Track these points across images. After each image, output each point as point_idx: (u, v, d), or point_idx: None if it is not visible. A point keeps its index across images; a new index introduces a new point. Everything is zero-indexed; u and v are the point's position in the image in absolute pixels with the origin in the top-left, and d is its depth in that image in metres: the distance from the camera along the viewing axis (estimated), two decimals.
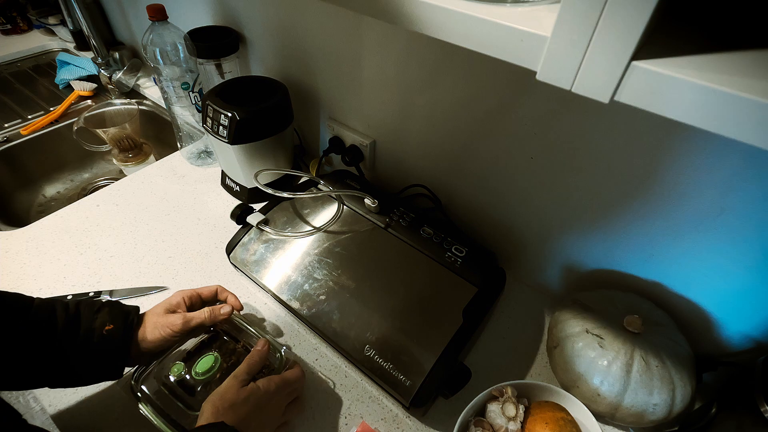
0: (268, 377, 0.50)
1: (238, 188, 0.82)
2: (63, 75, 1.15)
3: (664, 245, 0.53)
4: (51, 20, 1.28)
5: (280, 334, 0.64)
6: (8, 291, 0.48)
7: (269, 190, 0.64)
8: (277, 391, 0.49)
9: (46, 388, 0.53)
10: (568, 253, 0.64)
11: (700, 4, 0.27)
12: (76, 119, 0.96)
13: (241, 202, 0.80)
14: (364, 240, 0.67)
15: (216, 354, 0.54)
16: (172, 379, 0.52)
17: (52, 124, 1.05)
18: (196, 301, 0.57)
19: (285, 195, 0.65)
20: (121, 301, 0.66)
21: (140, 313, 0.53)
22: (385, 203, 0.69)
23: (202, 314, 0.54)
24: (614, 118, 0.48)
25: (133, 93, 1.14)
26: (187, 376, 0.52)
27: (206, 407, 0.45)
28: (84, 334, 0.47)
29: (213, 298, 0.59)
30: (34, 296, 0.49)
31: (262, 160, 0.77)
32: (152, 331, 0.51)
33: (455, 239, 0.65)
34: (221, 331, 0.57)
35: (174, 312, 0.53)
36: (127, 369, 0.52)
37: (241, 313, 0.60)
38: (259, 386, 0.48)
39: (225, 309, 0.56)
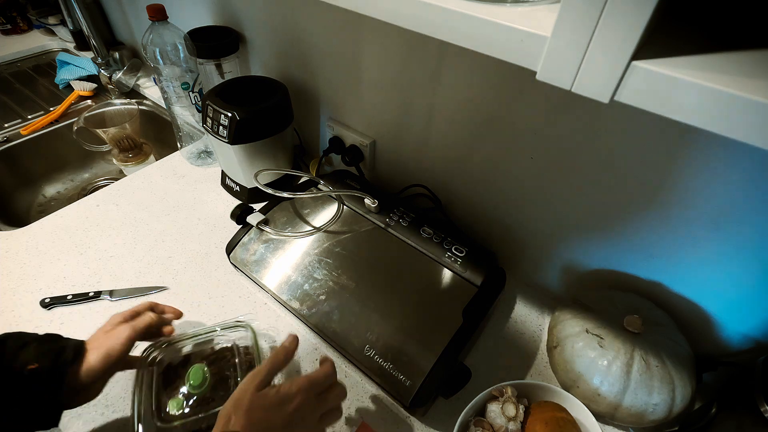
0: (292, 379, 0.43)
1: (238, 188, 0.82)
2: (63, 75, 1.15)
3: (665, 245, 0.53)
4: (51, 20, 1.28)
5: (278, 341, 0.64)
6: None
7: (269, 190, 0.64)
8: (299, 394, 0.42)
9: None
10: (568, 253, 0.64)
11: (700, 4, 0.27)
12: (76, 119, 0.96)
13: (241, 202, 0.80)
14: (364, 240, 0.67)
15: (203, 365, 0.51)
16: (174, 412, 0.49)
17: (52, 124, 1.05)
18: (139, 337, 0.51)
19: (285, 195, 0.65)
20: (124, 302, 0.66)
21: (83, 347, 0.46)
22: (385, 203, 0.69)
23: (146, 316, 0.51)
24: (614, 118, 0.48)
25: (133, 93, 1.14)
26: (186, 409, 0.49)
27: (220, 415, 0.40)
28: (3, 374, 0.40)
29: (160, 324, 0.54)
30: None
31: (262, 160, 0.77)
32: (95, 352, 0.45)
33: (455, 239, 0.65)
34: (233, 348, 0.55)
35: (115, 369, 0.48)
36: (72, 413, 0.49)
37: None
38: (279, 389, 0.42)
39: (170, 307, 0.55)
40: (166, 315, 0.54)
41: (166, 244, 0.75)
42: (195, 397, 0.50)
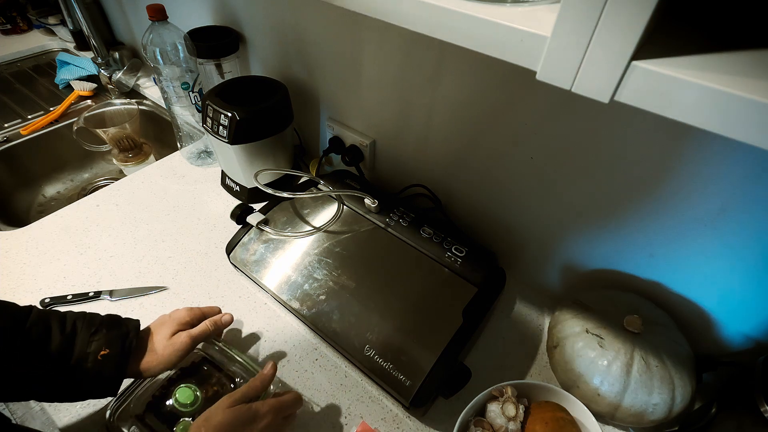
0: (263, 400, 0.48)
1: (238, 188, 0.82)
2: (63, 75, 1.15)
3: (665, 245, 0.53)
4: (51, 20, 1.28)
5: (278, 341, 0.64)
6: (5, 300, 0.47)
7: (269, 190, 0.64)
8: (269, 414, 0.46)
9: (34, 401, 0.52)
10: (568, 253, 0.64)
11: (700, 4, 0.27)
12: (76, 119, 0.96)
13: (241, 202, 0.80)
14: (364, 240, 0.67)
15: (193, 387, 0.51)
16: (173, 403, 0.50)
17: (52, 124, 1.05)
18: (198, 319, 0.56)
19: (285, 195, 0.65)
20: (124, 302, 0.66)
21: (140, 330, 0.52)
22: (385, 203, 0.69)
23: (206, 327, 0.55)
24: (614, 118, 0.48)
25: (133, 93, 1.14)
26: (168, 404, 0.50)
27: (191, 428, 0.44)
28: (78, 357, 0.46)
29: (213, 314, 0.59)
30: (33, 305, 0.48)
31: (262, 160, 0.77)
32: (155, 358, 0.50)
33: (455, 239, 0.65)
34: (203, 358, 0.55)
35: (177, 332, 0.53)
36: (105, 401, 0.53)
37: (226, 334, 0.61)
38: (251, 407, 0.46)
39: (226, 317, 0.58)
40: (224, 318, 0.58)
41: (166, 244, 0.75)
42: (171, 406, 0.51)
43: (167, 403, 0.51)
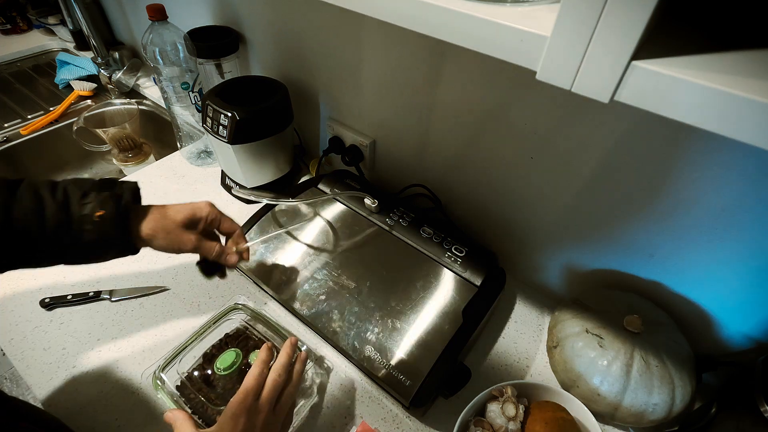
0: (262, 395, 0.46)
1: (238, 188, 0.82)
2: (63, 75, 1.15)
3: (665, 245, 0.53)
4: (51, 20, 1.28)
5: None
6: None
7: (266, 200, 0.64)
8: (265, 405, 0.45)
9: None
10: (568, 253, 0.64)
11: (700, 4, 0.27)
12: (75, 119, 0.96)
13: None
14: (364, 240, 0.67)
15: (237, 350, 0.54)
16: (221, 369, 0.52)
17: (51, 124, 1.05)
18: (214, 225, 0.55)
19: (285, 201, 0.65)
20: (124, 302, 0.66)
21: (138, 192, 0.50)
22: (385, 203, 0.69)
23: (212, 249, 0.53)
24: (614, 118, 0.48)
25: (133, 93, 1.14)
26: (209, 371, 0.52)
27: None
28: (77, 221, 0.44)
29: (229, 234, 0.57)
30: (23, 178, 0.46)
31: (262, 160, 0.77)
32: (160, 235, 0.49)
33: (455, 239, 0.65)
34: (244, 328, 0.58)
35: (190, 228, 0.52)
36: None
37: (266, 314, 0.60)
38: (248, 414, 0.44)
39: (233, 258, 0.55)
40: (231, 258, 0.55)
41: None
42: (212, 372, 0.53)
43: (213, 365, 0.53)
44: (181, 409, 0.46)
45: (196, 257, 0.73)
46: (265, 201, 0.66)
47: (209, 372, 0.52)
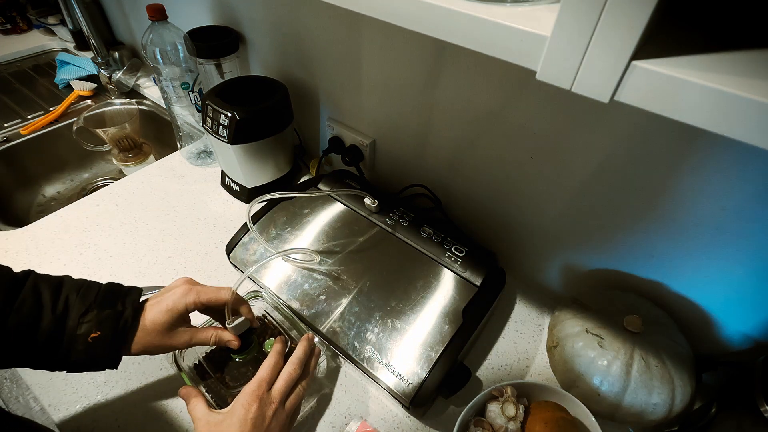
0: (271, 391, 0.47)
1: (237, 188, 0.82)
2: (63, 75, 1.15)
3: (665, 245, 0.53)
4: (51, 20, 1.28)
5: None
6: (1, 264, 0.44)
7: (269, 196, 0.64)
8: (277, 397, 0.46)
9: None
10: (568, 252, 0.64)
11: (700, 4, 0.27)
12: (75, 119, 0.96)
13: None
14: (364, 240, 0.67)
15: (254, 337, 0.54)
16: (237, 354, 0.52)
17: (51, 124, 1.05)
18: (200, 308, 0.51)
19: (284, 194, 0.65)
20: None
21: (140, 307, 0.47)
22: (385, 203, 0.69)
23: (208, 337, 0.50)
24: (614, 118, 0.48)
25: (133, 93, 1.14)
26: (225, 355, 0.54)
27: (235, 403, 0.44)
28: (68, 340, 0.43)
29: (222, 307, 0.52)
30: (31, 270, 0.45)
31: (262, 160, 0.77)
32: (150, 350, 0.47)
33: (455, 239, 0.65)
34: (263, 316, 0.60)
35: (179, 324, 0.49)
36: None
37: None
38: (263, 412, 0.45)
39: (235, 343, 0.51)
40: (231, 342, 0.51)
41: (166, 244, 0.75)
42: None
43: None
44: (196, 389, 0.47)
45: (195, 255, 0.73)
46: (268, 197, 0.65)
47: (225, 356, 0.54)
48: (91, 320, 0.44)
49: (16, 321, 0.41)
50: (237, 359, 0.54)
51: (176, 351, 0.53)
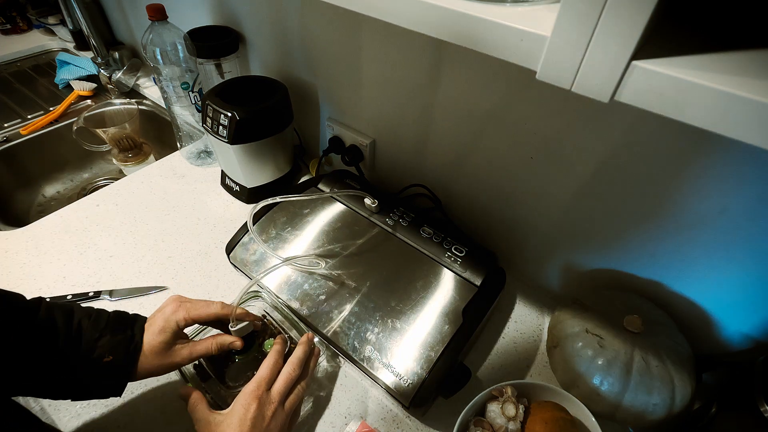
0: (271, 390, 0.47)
1: (237, 188, 0.82)
2: (63, 75, 1.15)
3: (665, 245, 0.53)
4: (51, 20, 1.28)
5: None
6: (13, 292, 0.45)
7: (269, 200, 0.63)
8: (276, 397, 0.46)
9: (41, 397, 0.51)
10: (568, 253, 0.64)
11: (700, 4, 0.27)
12: (75, 119, 0.96)
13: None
14: (364, 240, 0.67)
15: (255, 338, 0.55)
16: (237, 354, 0.54)
17: (51, 124, 1.05)
18: (191, 324, 0.51)
19: (285, 197, 0.65)
20: (124, 302, 0.66)
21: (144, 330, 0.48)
22: (385, 203, 0.69)
23: (208, 347, 0.50)
24: (614, 118, 0.48)
25: (133, 93, 1.14)
26: (225, 355, 0.54)
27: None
28: (82, 362, 0.44)
29: (213, 321, 0.52)
30: (42, 298, 0.46)
31: (262, 160, 0.77)
32: (153, 363, 0.47)
33: (455, 239, 0.65)
34: (263, 316, 0.59)
35: (174, 344, 0.49)
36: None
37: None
38: (262, 412, 0.45)
39: (237, 343, 0.51)
40: (235, 343, 0.52)
41: (166, 244, 0.75)
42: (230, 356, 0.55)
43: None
44: (197, 389, 0.47)
45: (195, 255, 0.73)
46: (270, 201, 0.65)
47: (225, 357, 0.54)
48: (104, 345, 0.45)
49: (32, 346, 0.42)
50: (237, 360, 0.54)
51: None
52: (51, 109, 1.09)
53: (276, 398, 0.46)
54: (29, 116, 1.07)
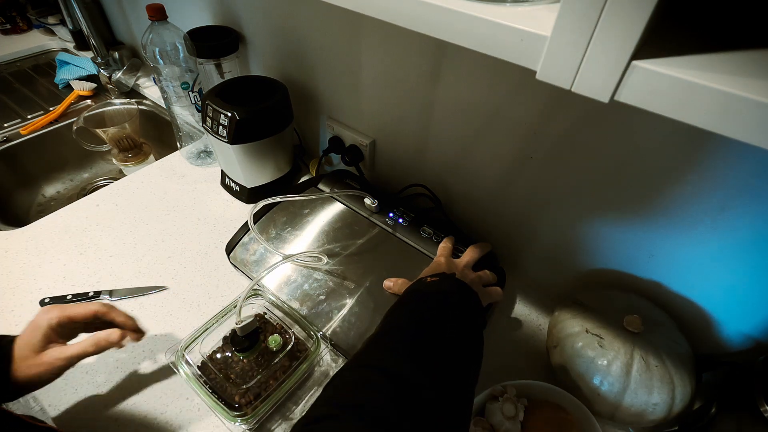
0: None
1: (237, 188, 0.82)
2: (62, 75, 1.15)
3: (664, 245, 0.53)
4: (51, 20, 1.28)
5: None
6: None
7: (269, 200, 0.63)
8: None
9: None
10: (568, 253, 0.64)
11: (700, 4, 0.27)
12: (75, 119, 0.96)
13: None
14: (364, 240, 0.67)
15: (260, 336, 0.56)
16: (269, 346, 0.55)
17: (51, 123, 1.05)
18: (68, 327, 0.49)
19: (285, 197, 0.65)
20: (124, 302, 0.66)
21: (12, 339, 0.47)
22: (385, 203, 0.69)
23: (87, 346, 0.47)
24: (614, 118, 0.48)
25: (133, 93, 1.14)
26: (228, 353, 0.55)
27: None
28: None
29: (93, 320, 0.50)
30: None
31: (262, 160, 0.77)
32: (26, 371, 0.45)
33: (455, 239, 0.65)
34: (263, 313, 0.60)
35: (47, 347, 0.46)
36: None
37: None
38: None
39: (113, 335, 0.48)
40: (111, 337, 0.49)
41: (165, 244, 0.75)
42: (231, 354, 0.55)
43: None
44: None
45: (195, 255, 0.73)
46: (271, 200, 0.65)
47: (229, 354, 0.55)
48: None
49: None
50: (242, 358, 0.54)
51: (179, 349, 0.53)
52: (51, 109, 1.09)
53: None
54: (29, 116, 1.07)
